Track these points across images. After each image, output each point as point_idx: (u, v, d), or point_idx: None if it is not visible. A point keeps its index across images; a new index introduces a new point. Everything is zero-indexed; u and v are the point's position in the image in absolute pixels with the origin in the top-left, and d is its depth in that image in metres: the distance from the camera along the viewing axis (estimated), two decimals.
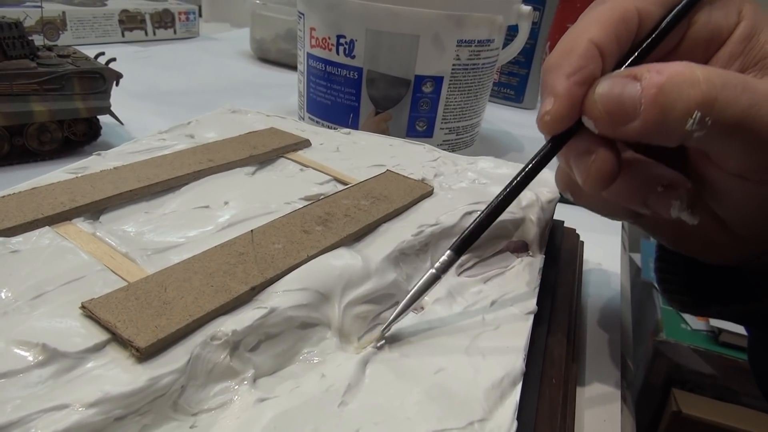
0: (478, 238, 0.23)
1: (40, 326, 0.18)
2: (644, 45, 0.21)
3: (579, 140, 0.21)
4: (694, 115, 0.17)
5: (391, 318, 0.22)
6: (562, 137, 0.21)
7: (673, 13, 0.21)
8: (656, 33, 0.21)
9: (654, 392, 0.80)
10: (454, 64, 0.45)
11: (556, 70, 0.20)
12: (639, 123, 0.18)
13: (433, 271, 0.22)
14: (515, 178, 0.22)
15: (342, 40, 0.45)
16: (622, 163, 0.21)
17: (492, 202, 0.22)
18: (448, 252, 0.22)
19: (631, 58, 0.21)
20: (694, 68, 0.18)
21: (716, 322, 0.77)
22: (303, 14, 0.48)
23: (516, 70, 0.72)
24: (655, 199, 0.21)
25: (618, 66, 0.21)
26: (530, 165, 0.22)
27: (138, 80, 0.64)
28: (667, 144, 0.19)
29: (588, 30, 0.20)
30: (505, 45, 0.53)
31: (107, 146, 0.46)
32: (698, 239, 0.24)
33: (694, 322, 0.80)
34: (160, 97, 0.62)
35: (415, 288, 0.22)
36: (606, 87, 0.19)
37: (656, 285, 0.28)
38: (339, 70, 0.47)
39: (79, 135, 0.44)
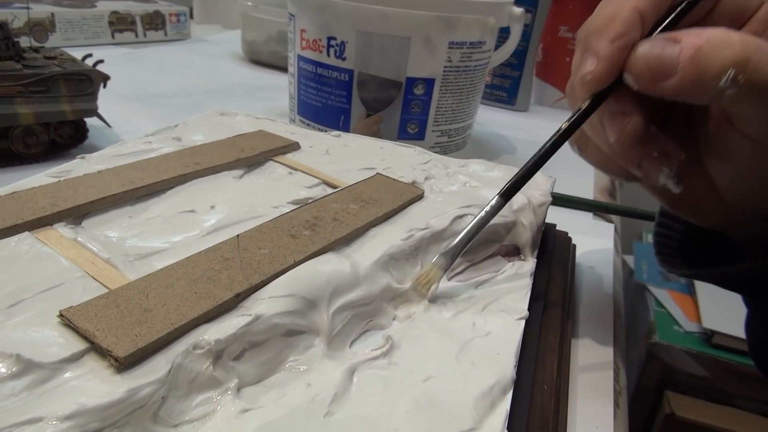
0: (524, 185, 0.25)
1: (15, 336, 0.17)
2: (679, 10, 0.22)
3: (616, 103, 0.23)
4: (728, 73, 0.19)
5: (451, 255, 0.24)
6: (601, 96, 0.23)
7: None
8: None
9: (647, 395, 0.80)
10: (445, 66, 0.45)
11: (599, 35, 0.22)
12: (676, 79, 0.20)
13: (483, 214, 0.25)
14: (559, 129, 0.24)
15: (333, 42, 0.45)
16: None
17: (536, 153, 0.24)
18: (497, 197, 0.25)
19: (667, 20, 0.22)
20: (730, 33, 0.19)
21: (709, 324, 0.77)
22: (293, 16, 0.48)
23: (508, 72, 0.72)
24: (648, 163, 0.23)
25: (654, 29, 0.22)
26: (574, 117, 0.23)
27: (127, 82, 0.63)
28: (700, 101, 0.21)
29: None
30: (497, 47, 0.53)
31: (94, 149, 0.45)
32: (689, 203, 0.26)
33: (688, 324, 0.80)
34: (150, 99, 0.61)
35: (467, 229, 0.24)
36: (648, 47, 0.21)
37: (654, 247, 0.30)
38: (330, 72, 0.46)
39: (66, 138, 0.43)
